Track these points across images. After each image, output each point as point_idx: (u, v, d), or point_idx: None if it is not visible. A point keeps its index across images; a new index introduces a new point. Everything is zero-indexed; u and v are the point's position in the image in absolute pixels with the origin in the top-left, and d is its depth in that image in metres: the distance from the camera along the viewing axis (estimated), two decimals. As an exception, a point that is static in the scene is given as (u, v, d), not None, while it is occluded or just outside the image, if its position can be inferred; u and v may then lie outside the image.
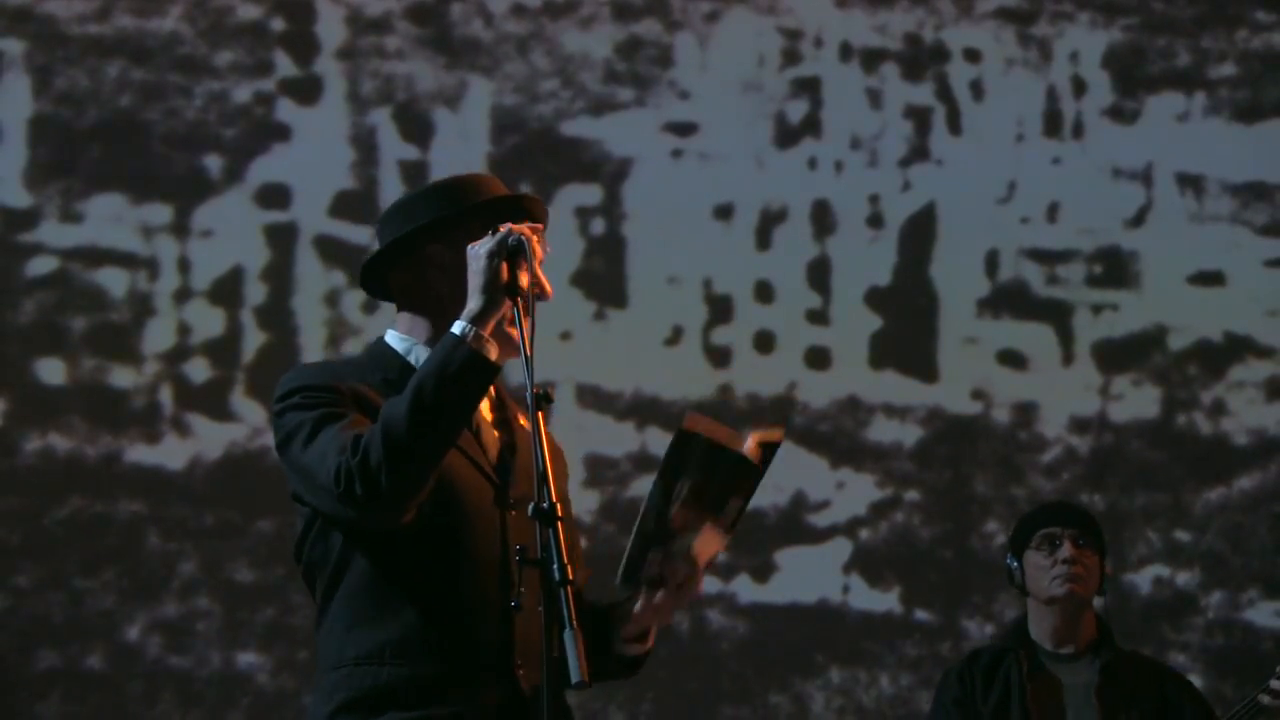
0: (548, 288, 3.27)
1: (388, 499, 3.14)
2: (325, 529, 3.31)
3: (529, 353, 3.17)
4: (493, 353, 3.19)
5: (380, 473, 3.11)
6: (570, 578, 3.02)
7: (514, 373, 3.21)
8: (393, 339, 3.43)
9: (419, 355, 3.36)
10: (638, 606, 3.31)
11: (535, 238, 3.26)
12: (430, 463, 3.17)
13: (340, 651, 3.28)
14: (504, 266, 3.21)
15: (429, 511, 3.23)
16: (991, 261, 6.54)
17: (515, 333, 3.23)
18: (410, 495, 3.17)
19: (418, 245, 3.39)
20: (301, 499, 3.31)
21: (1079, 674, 4.78)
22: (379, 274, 3.47)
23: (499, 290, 3.20)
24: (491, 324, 3.21)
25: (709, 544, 3.25)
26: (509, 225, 3.26)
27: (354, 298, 6.34)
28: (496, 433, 3.38)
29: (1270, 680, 4.61)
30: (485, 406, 3.41)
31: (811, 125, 6.55)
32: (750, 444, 3.22)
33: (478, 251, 3.23)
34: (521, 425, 3.43)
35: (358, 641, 3.26)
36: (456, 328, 3.19)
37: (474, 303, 3.21)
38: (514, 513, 3.30)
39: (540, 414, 3.14)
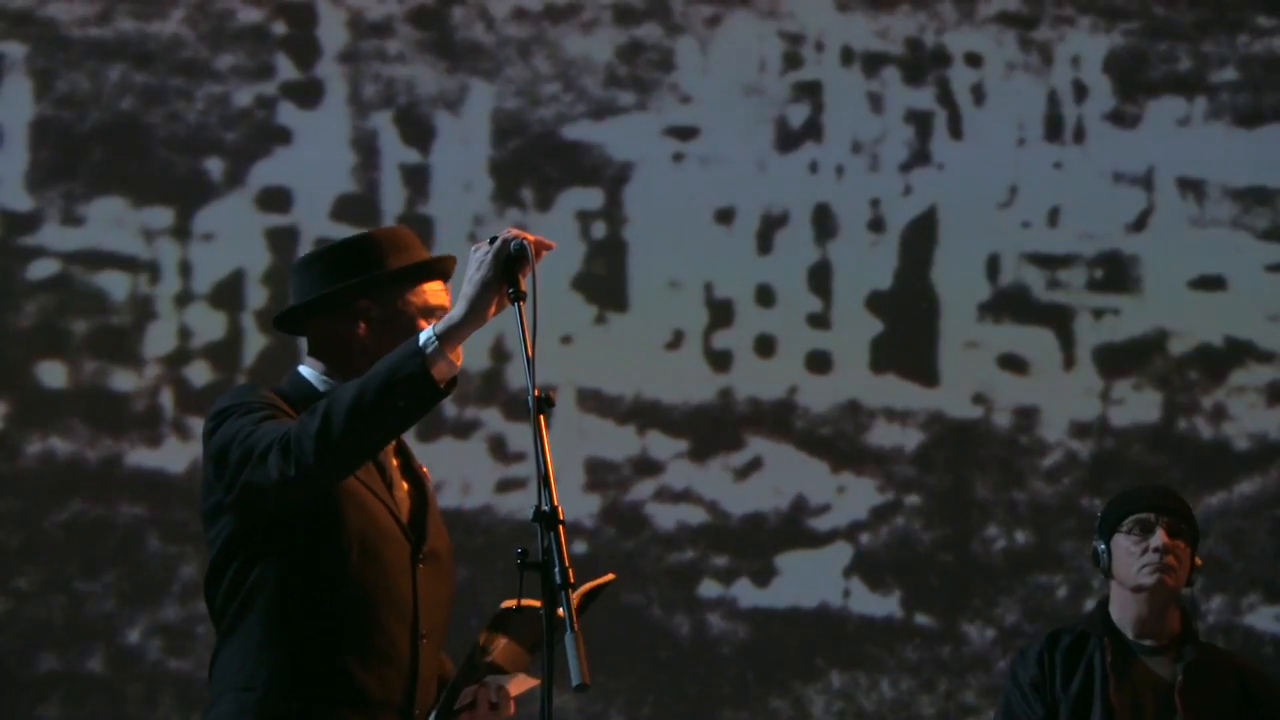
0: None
1: (308, 480, 3.20)
2: (246, 559, 3.34)
3: (530, 355, 3.17)
4: (448, 369, 3.19)
5: (314, 447, 3.16)
6: (572, 581, 3.03)
7: (515, 375, 3.22)
8: (312, 376, 3.50)
9: None
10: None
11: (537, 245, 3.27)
12: (354, 460, 3.25)
13: (251, 673, 3.33)
14: (500, 276, 3.22)
15: (351, 554, 3.30)
16: (992, 265, 6.54)
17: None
18: (324, 479, 3.23)
19: (349, 299, 3.48)
20: (221, 503, 3.33)
21: (1161, 670, 4.64)
22: (297, 318, 3.56)
23: (485, 302, 3.21)
24: (463, 335, 3.21)
25: (521, 685, 3.46)
26: (510, 229, 3.27)
27: (355, 301, 6.33)
28: (405, 485, 3.47)
29: None
30: (390, 451, 3.47)
31: (813, 129, 6.55)
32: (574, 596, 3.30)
33: (474, 258, 3.24)
34: (423, 473, 3.52)
35: (269, 664, 3.31)
36: (421, 336, 3.20)
37: (456, 309, 3.23)
38: (423, 566, 3.40)
39: (542, 417, 3.14)
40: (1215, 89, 6.64)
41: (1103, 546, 4.71)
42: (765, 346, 6.46)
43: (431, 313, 3.43)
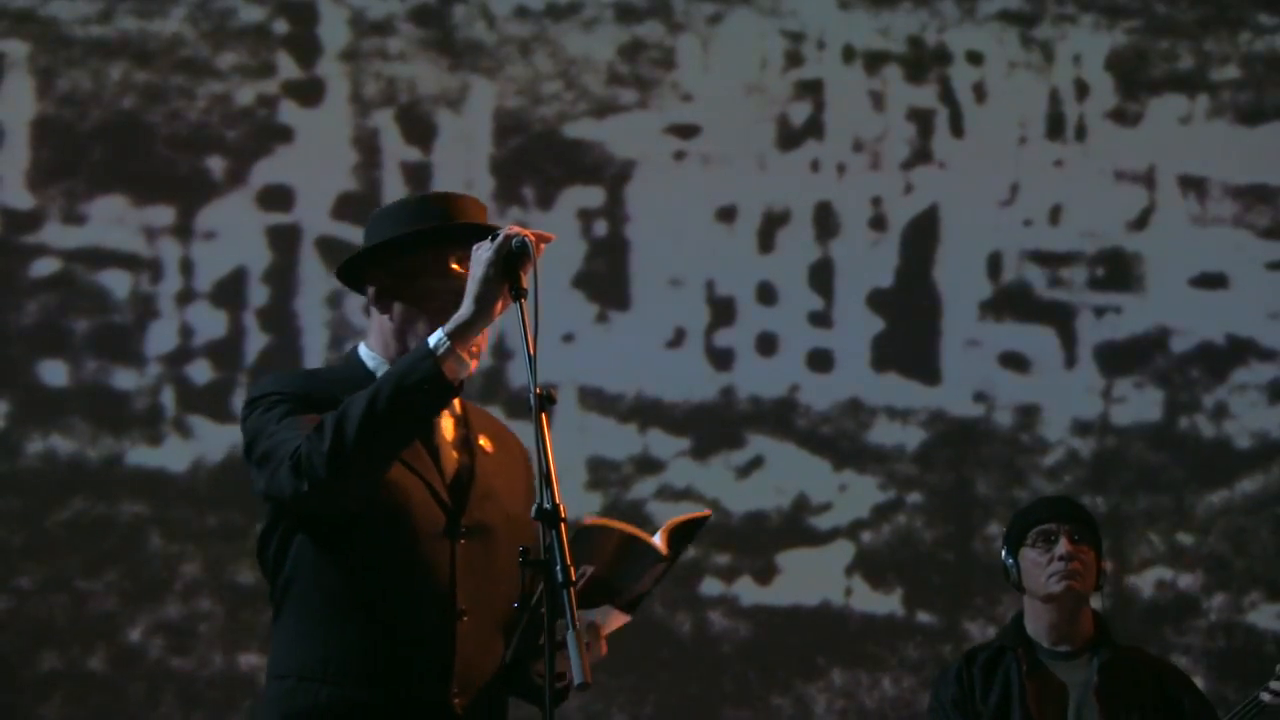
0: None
1: (329, 489, 3.17)
2: (284, 534, 3.34)
3: (532, 353, 3.17)
4: (462, 369, 3.19)
5: (324, 466, 3.15)
6: (573, 579, 3.03)
7: (517, 374, 3.22)
8: (365, 354, 3.45)
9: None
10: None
11: (541, 246, 3.26)
12: (374, 466, 3.21)
13: (285, 662, 3.32)
14: (503, 273, 3.21)
15: (379, 533, 3.27)
16: (994, 264, 6.54)
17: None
18: (348, 489, 3.20)
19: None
20: (263, 494, 3.32)
21: (1078, 672, 4.73)
22: (358, 271, 3.49)
23: (492, 300, 3.21)
24: (474, 336, 3.21)
25: (611, 620, 3.33)
26: (511, 226, 3.27)
27: (356, 300, 6.32)
28: (456, 454, 3.40)
29: (1272, 680, 4.59)
30: (449, 426, 3.42)
31: (814, 127, 6.55)
32: (660, 535, 3.26)
33: (477, 256, 3.24)
34: (483, 448, 3.44)
35: (301, 654, 3.30)
36: (432, 338, 3.20)
37: (464, 309, 3.22)
38: (464, 541, 3.33)
39: (544, 415, 3.14)
40: (1216, 87, 6.64)
41: (1011, 561, 4.80)
42: (767, 345, 6.46)
43: (448, 281, 3.36)
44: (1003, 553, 4.84)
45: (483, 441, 3.45)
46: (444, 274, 3.37)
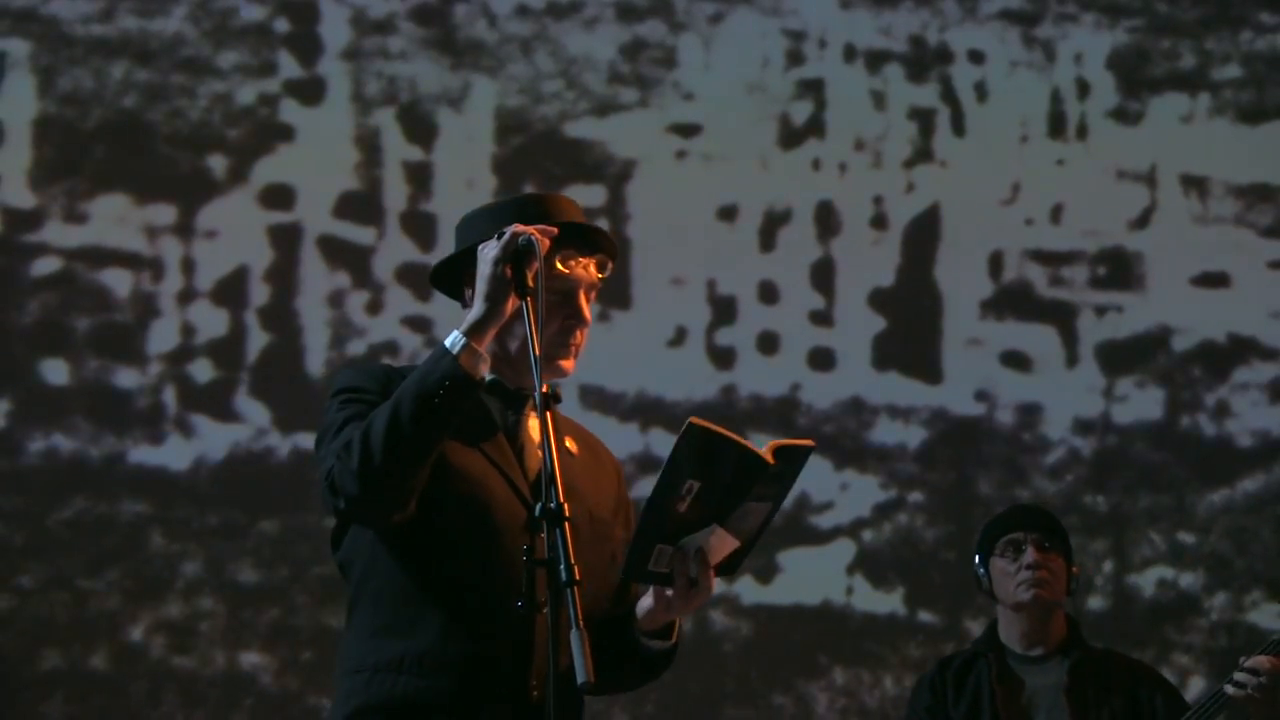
0: (586, 316, 3.29)
1: (364, 505, 3.18)
2: (355, 532, 3.34)
3: (537, 354, 3.17)
4: (481, 366, 3.19)
5: (355, 483, 3.15)
6: (577, 579, 3.02)
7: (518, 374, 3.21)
8: None
9: None
10: (649, 602, 3.32)
11: (545, 241, 3.26)
12: (405, 476, 3.19)
13: (361, 657, 3.30)
14: (508, 270, 3.21)
15: (459, 525, 3.25)
16: (995, 263, 6.54)
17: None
18: (388, 500, 3.19)
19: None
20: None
21: (1048, 675, 4.76)
22: (452, 274, 3.47)
23: (502, 297, 3.21)
24: (489, 334, 3.21)
25: (719, 546, 3.24)
26: (516, 225, 3.27)
27: (358, 299, 6.34)
28: (540, 453, 3.30)
29: (1235, 672, 4.59)
30: (534, 426, 3.40)
31: (815, 126, 6.55)
32: (765, 448, 3.21)
33: (485, 255, 3.24)
34: (569, 449, 3.42)
35: (379, 648, 3.28)
36: (449, 339, 3.20)
37: (475, 310, 3.22)
38: (544, 536, 3.24)
39: (550, 414, 3.15)
40: (1218, 86, 6.64)
41: (982, 571, 4.84)
42: (768, 344, 6.46)
43: (571, 288, 3.35)
44: (975, 561, 4.88)
45: (569, 444, 3.44)
46: (547, 273, 3.32)
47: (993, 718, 4.71)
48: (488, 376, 3.25)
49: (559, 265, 3.36)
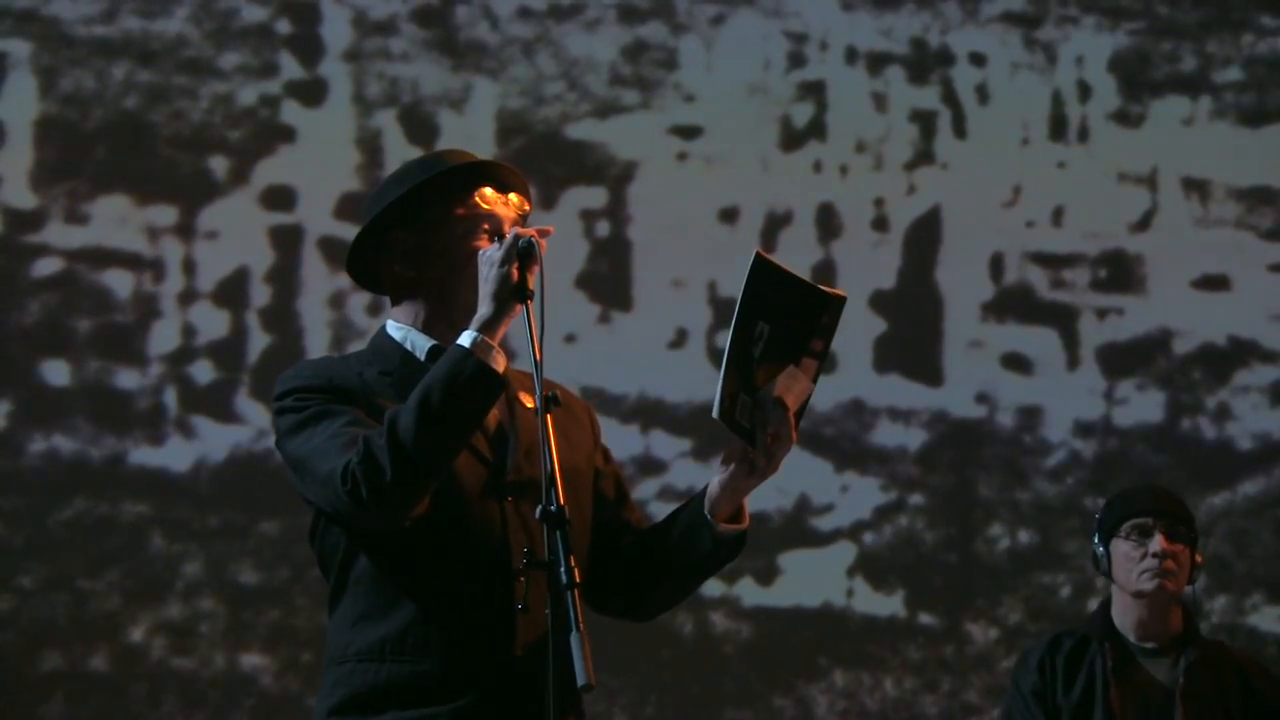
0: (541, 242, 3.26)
1: (393, 505, 3.16)
2: (326, 525, 3.33)
3: (538, 357, 3.17)
4: (500, 362, 3.19)
5: (388, 481, 3.12)
6: (577, 581, 3.02)
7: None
8: (391, 328, 3.43)
9: (414, 341, 3.37)
10: (731, 469, 3.31)
11: (543, 241, 3.26)
12: (436, 472, 3.18)
13: (344, 647, 3.29)
14: (514, 270, 3.22)
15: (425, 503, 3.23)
16: (996, 265, 6.54)
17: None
18: (415, 502, 3.18)
19: (385, 232, 3.42)
20: (313, 505, 3.31)
21: (1163, 672, 4.63)
22: (365, 265, 3.48)
23: (509, 296, 3.21)
24: (501, 331, 3.21)
25: (796, 388, 3.23)
26: (516, 229, 3.28)
27: (359, 300, 6.34)
28: (495, 412, 3.33)
29: None
30: None
31: (817, 128, 6.55)
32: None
33: (488, 257, 3.25)
34: (523, 403, 3.40)
35: (359, 637, 3.27)
36: (465, 338, 3.19)
37: (484, 309, 3.22)
38: (511, 499, 3.28)
39: (550, 417, 3.15)
40: (1219, 89, 6.64)
41: (1101, 550, 4.70)
42: (769, 345, 6.46)
43: (483, 224, 3.36)
44: (1094, 538, 4.72)
45: (522, 397, 3.41)
46: (474, 207, 3.35)
47: (1105, 709, 4.57)
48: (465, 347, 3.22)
49: (478, 200, 3.37)
